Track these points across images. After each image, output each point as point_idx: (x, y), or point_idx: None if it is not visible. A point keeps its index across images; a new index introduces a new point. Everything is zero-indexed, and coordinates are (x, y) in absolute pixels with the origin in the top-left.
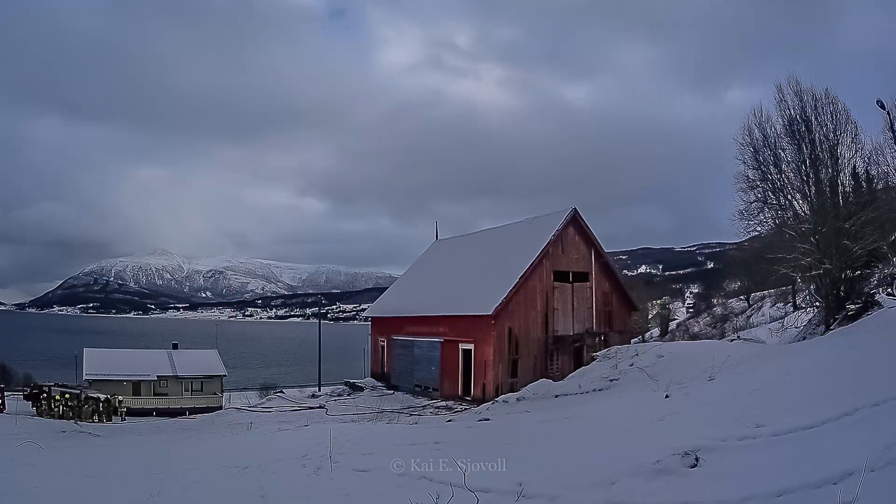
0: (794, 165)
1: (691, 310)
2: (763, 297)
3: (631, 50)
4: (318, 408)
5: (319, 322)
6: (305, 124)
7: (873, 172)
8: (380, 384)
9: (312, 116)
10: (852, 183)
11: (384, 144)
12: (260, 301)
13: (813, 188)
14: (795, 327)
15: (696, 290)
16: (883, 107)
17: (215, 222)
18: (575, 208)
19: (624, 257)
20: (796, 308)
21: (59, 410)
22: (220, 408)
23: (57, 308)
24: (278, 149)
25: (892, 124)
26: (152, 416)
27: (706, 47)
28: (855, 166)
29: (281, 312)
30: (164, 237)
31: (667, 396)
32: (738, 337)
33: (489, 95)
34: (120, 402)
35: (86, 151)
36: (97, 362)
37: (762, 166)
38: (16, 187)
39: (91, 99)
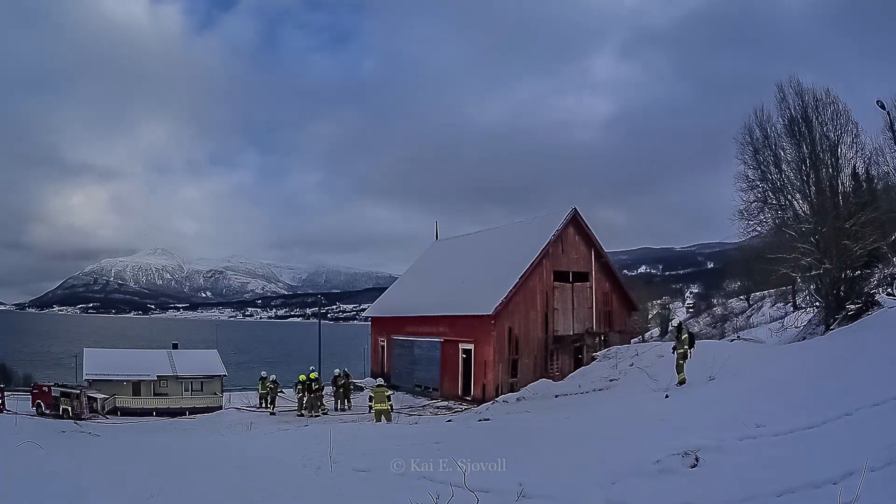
0: (794, 165)
1: (691, 310)
2: (763, 297)
3: None
4: None
5: (319, 322)
6: None
7: (873, 172)
8: None
9: None
10: (852, 183)
11: None
12: (260, 301)
13: (813, 188)
14: (795, 327)
15: (696, 290)
16: (883, 107)
17: None
18: (575, 208)
19: (624, 257)
20: (796, 308)
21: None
22: (221, 408)
23: (57, 308)
24: None
25: (892, 124)
26: (152, 416)
27: None
28: (855, 166)
29: (281, 312)
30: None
31: (667, 396)
32: (738, 337)
33: None
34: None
35: None
36: (97, 362)
37: (762, 166)
38: None
39: None
